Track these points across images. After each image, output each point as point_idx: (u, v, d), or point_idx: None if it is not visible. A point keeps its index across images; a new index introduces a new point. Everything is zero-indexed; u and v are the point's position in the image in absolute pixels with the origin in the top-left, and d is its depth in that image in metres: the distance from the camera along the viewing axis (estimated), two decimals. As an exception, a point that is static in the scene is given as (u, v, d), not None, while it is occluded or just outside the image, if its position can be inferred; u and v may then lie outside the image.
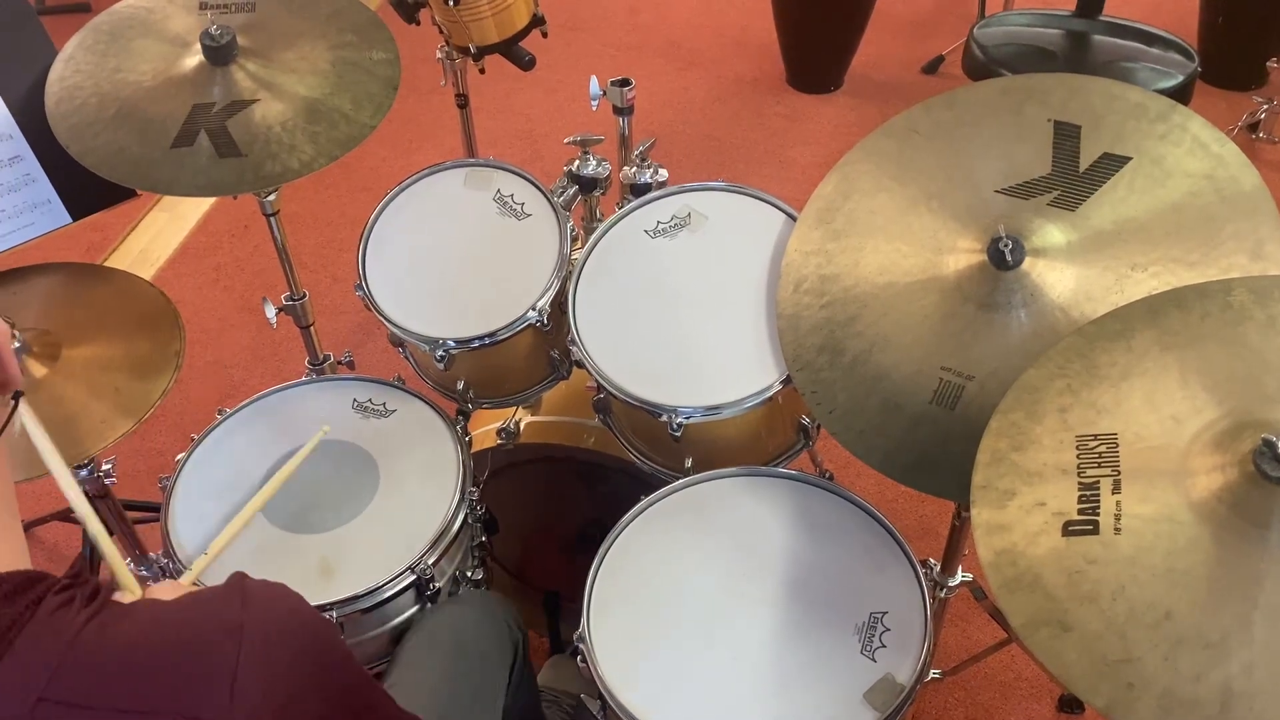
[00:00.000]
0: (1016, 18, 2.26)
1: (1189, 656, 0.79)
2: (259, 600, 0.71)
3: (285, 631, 0.71)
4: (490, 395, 1.56)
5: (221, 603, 0.70)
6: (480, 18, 1.71)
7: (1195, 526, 0.84)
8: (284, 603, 0.73)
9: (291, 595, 0.74)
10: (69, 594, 0.66)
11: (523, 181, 1.54)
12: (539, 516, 1.74)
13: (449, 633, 1.25)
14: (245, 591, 0.71)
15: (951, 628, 1.91)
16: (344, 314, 2.53)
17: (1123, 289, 1.08)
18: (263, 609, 0.70)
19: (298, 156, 1.36)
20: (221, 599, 0.71)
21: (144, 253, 2.77)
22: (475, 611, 1.29)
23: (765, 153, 2.99)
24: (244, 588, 0.72)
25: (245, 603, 0.70)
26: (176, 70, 1.42)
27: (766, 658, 1.13)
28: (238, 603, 0.70)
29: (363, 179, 2.90)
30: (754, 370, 1.30)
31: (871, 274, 1.20)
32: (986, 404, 1.01)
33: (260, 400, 1.48)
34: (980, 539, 0.90)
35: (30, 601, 0.64)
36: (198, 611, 0.70)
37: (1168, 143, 1.13)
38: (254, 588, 0.72)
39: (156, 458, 2.23)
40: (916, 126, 1.26)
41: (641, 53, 3.39)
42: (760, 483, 1.29)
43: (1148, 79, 2.02)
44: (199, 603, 0.71)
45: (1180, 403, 0.90)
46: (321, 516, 1.33)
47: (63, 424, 1.34)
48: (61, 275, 1.52)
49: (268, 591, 0.73)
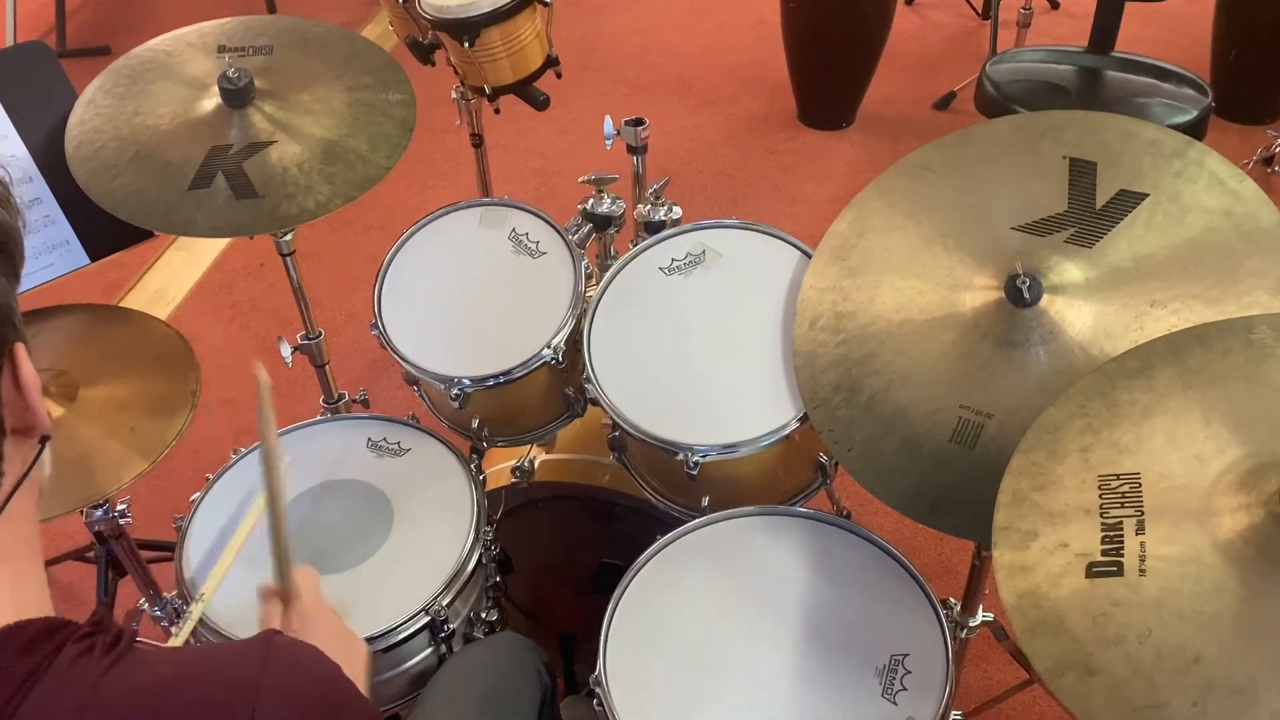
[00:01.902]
0: (1029, 54, 2.27)
1: (1218, 702, 0.77)
2: (281, 662, 0.69)
3: (304, 699, 0.69)
4: (505, 433, 1.55)
5: (243, 660, 0.69)
6: (495, 59, 1.73)
7: (1221, 568, 0.82)
8: (310, 671, 0.71)
9: (321, 662, 0.72)
10: (90, 642, 0.65)
11: (537, 220, 1.55)
12: (553, 556, 1.72)
13: (479, 676, 1.24)
14: (270, 651, 0.69)
15: (972, 668, 1.88)
16: (359, 352, 2.54)
17: (1142, 326, 1.07)
18: (283, 673, 0.68)
19: (314, 197, 1.37)
20: (244, 656, 0.69)
21: (160, 291, 2.79)
22: (506, 655, 1.28)
23: (778, 189, 2.99)
24: (269, 646, 0.70)
25: (265, 664, 0.68)
26: (194, 113, 1.44)
27: (786, 700, 1.12)
28: (257, 663, 0.68)
29: (378, 218, 2.92)
30: (770, 408, 1.29)
31: (887, 311, 1.20)
32: (1006, 443, 1.00)
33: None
34: (1002, 581, 0.89)
35: (50, 651, 0.63)
36: (218, 667, 0.69)
37: (1184, 179, 1.13)
38: (280, 648, 0.70)
39: (171, 496, 2.21)
40: (930, 164, 1.26)
41: (654, 92, 3.41)
42: (778, 522, 1.28)
43: (1162, 114, 2.02)
44: (221, 657, 0.70)
45: (1203, 442, 0.89)
46: (335, 557, 1.32)
47: (79, 464, 1.34)
48: (79, 316, 1.53)
49: (294, 654, 0.71)
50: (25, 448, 0.69)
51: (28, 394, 0.68)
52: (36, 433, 0.70)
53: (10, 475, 0.67)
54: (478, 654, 1.29)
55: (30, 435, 0.70)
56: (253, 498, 1.36)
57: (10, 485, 0.67)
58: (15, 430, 0.68)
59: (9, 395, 0.67)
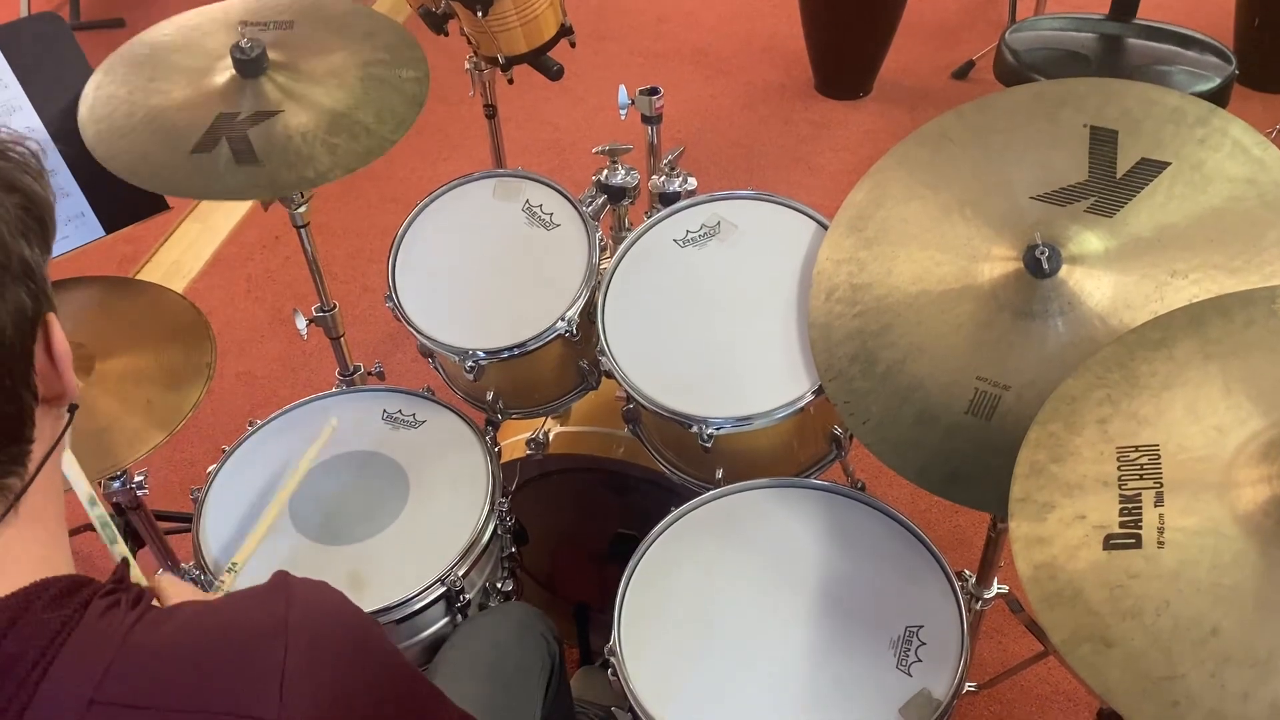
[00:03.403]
0: (1049, 22, 2.24)
1: (1236, 674, 0.76)
2: (303, 599, 0.70)
3: (331, 629, 0.70)
4: (519, 406, 1.55)
5: (266, 601, 0.70)
6: (508, 28, 1.71)
7: (1241, 540, 0.81)
8: (328, 601, 0.73)
9: (334, 594, 0.74)
10: (115, 597, 0.67)
11: (551, 191, 1.54)
12: (568, 527, 1.73)
13: (487, 645, 1.25)
14: (289, 589, 0.71)
15: (986, 640, 1.88)
16: (373, 324, 2.54)
17: (1163, 296, 1.06)
18: (307, 608, 0.70)
19: (314, 167, 1.37)
20: (266, 597, 0.70)
21: (176, 264, 2.79)
22: (512, 624, 1.28)
23: (794, 160, 2.97)
24: (288, 585, 0.71)
25: (290, 601, 0.69)
26: (208, 82, 1.44)
27: (801, 672, 1.12)
28: (283, 602, 0.69)
29: (392, 190, 2.92)
30: (785, 380, 1.29)
31: (905, 283, 1.19)
32: (1024, 414, 0.99)
33: (291, 411, 1.48)
34: (1019, 553, 0.88)
35: (79, 604, 0.65)
36: (243, 610, 0.70)
37: (1207, 147, 1.11)
38: (298, 586, 0.72)
39: (188, 468, 2.24)
40: (949, 133, 1.25)
41: (669, 61, 3.39)
42: (792, 494, 1.28)
43: (1184, 82, 1.99)
44: (244, 602, 0.71)
45: (1224, 413, 0.88)
46: (351, 528, 1.33)
47: (96, 435, 1.35)
48: (95, 289, 1.53)
49: (311, 590, 0.72)
50: (54, 416, 0.70)
51: (59, 363, 0.69)
52: (65, 401, 0.71)
53: (41, 442, 0.68)
54: (485, 623, 1.30)
55: (59, 404, 0.71)
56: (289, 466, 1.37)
57: (42, 453, 0.68)
58: (46, 399, 0.69)
59: (42, 364, 0.68)
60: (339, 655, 0.70)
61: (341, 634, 0.71)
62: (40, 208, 0.67)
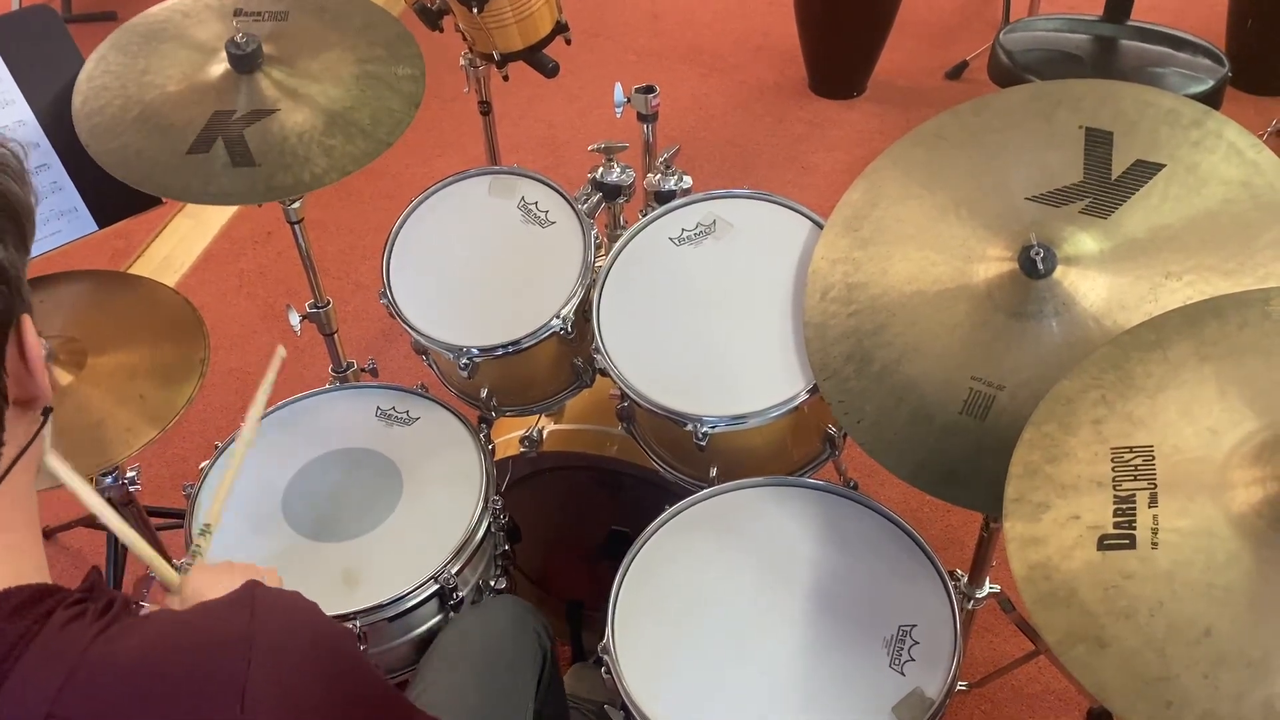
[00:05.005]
0: (1043, 23, 2.24)
1: (1230, 675, 0.77)
2: (268, 611, 0.70)
3: (296, 641, 0.70)
4: (513, 403, 1.55)
5: (230, 614, 0.69)
6: (504, 25, 1.71)
7: (1235, 541, 0.82)
8: (296, 613, 0.72)
9: (304, 605, 0.73)
10: (81, 608, 0.66)
11: (547, 189, 1.54)
12: (562, 525, 1.73)
13: (479, 640, 1.25)
14: (255, 601, 0.70)
15: (978, 639, 1.89)
16: (367, 321, 2.54)
17: (1157, 298, 1.06)
18: (272, 619, 0.69)
19: (310, 169, 1.36)
20: (230, 610, 0.70)
21: (167, 259, 2.78)
22: (504, 619, 1.28)
23: (788, 159, 2.97)
24: (253, 597, 0.71)
25: (254, 613, 0.69)
26: (203, 76, 1.43)
27: (794, 671, 1.12)
28: (246, 614, 0.69)
29: (386, 186, 2.91)
30: (780, 379, 1.29)
31: (900, 282, 1.19)
32: (1018, 415, 1.00)
33: (284, 408, 1.48)
34: (1014, 553, 0.88)
35: (39, 615, 0.64)
36: (207, 624, 0.69)
37: (1202, 149, 1.12)
38: (264, 598, 0.71)
39: (180, 464, 2.23)
40: (945, 133, 1.25)
41: (664, 59, 3.38)
42: (786, 493, 1.28)
43: (1177, 84, 1.99)
44: (208, 614, 0.70)
45: (1218, 414, 0.88)
46: (345, 525, 1.33)
47: (88, 431, 1.34)
48: (87, 283, 1.52)
49: (279, 601, 0.72)
50: (27, 420, 0.70)
51: (32, 365, 0.68)
52: (39, 404, 0.70)
53: (12, 445, 0.67)
54: (477, 618, 1.29)
55: (33, 407, 0.70)
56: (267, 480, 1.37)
57: (11, 456, 0.67)
58: (18, 401, 0.68)
59: (14, 366, 0.67)
60: (305, 668, 0.69)
61: (308, 645, 0.70)
62: (16, 207, 0.67)
